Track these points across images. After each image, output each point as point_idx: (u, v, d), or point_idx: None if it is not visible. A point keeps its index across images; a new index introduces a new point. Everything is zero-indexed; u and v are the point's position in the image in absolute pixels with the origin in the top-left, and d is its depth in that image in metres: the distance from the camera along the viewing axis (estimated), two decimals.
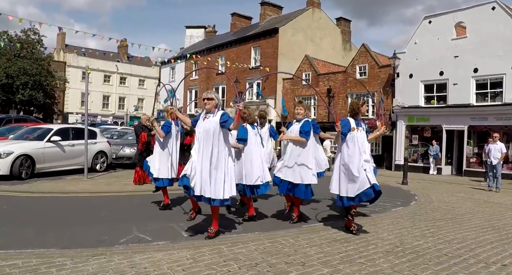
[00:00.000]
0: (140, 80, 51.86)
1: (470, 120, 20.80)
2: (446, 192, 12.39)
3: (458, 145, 21.78)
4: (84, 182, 10.68)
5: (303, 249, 4.96)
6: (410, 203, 9.32)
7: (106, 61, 47.61)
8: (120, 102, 50.27)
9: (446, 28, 21.83)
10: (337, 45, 35.72)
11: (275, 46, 31.67)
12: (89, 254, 4.46)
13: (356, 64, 26.74)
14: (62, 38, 48.15)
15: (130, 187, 10.05)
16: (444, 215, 7.95)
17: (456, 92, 21.28)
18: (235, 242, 5.17)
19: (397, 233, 6.06)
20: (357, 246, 5.22)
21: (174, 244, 5.00)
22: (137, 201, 8.45)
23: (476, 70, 20.51)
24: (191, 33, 45.11)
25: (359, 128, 5.90)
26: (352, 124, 5.86)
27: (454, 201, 10.24)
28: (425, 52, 22.33)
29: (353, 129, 5.80)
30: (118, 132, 18.41)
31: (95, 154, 12.93)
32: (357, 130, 5.85)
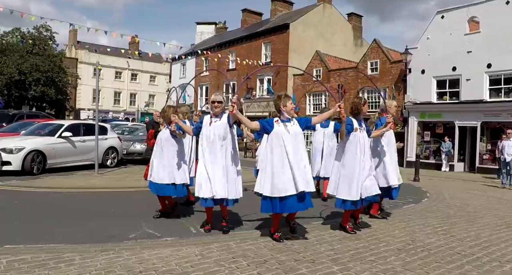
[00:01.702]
0: (151, 76, 52.09)
1: (484, 116, 20.52)
2: (458, 189, 12.23)
3: (471, 141, 21.50)
4: (95, 178, 10.73)
5: (312, 246, 4.91)
6: (422, 200, 9.20)
7: (118, 58, 47.83)
8: (131, 98, 50.57)
9: (459, 23, 21.51)
10: (348, 41, 35.44)
11: (286, 42, 31.53)
12: (97, 249, 4.45)
13: (367, 60, 26.52)
14: (74, 35, 48.50)
15: (141, 183, 10.01)
16: (457, 212, 7.83)
17: (469, 88, 21.00)
18: (244, 238, 5.14)
19: (409, 230, 5.97)
20: (367, 243, 5.15)
21: (183, 240, 4.99)
22: (147, 197, 8.41)
23: (489, 65, 20.21)
24: (202, 30, 45.15)
25: (361, 129, 5.80)
26: (355, 124, 5.76)
27: (467, 198, 10.10)
28: (438, 48, 22.04)
29: (355, 129, 5.70)
30: (129, 128, 18.47)
31: (106, 150, 12.99)
32: (359, 130, 5.75)
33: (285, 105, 5.14)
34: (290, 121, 5.17)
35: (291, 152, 4.99)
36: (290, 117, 5.20)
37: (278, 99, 5.22)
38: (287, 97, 5.23)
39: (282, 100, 5.16)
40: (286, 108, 5.15)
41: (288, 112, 5.17)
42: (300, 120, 5.23)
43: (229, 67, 36.51)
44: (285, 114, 5.15)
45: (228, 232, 5.42)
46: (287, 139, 5.02)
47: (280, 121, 5.14)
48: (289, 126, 5.11)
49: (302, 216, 6.29)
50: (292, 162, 4.97)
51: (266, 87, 32.02)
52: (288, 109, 5.16)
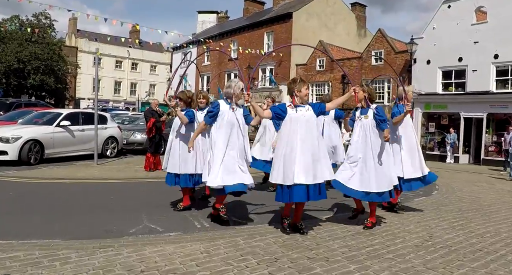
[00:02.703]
0: (151, 66, 51.56)
1: (490, 107, 20.15)
2: (466, 182, 11.93)
3: (476, 133, 21.17)
4: (94, 168, 10.41)
5: (325, 243, 4.61)
6: (432, 193, 8.89)
7: (118, 47, 47.29)
8: (132, 88, 50.10)
9: (466, 12, 21.05)
10: (352, 31, 34.93)
11: (288, 32, 31.05)
12: (96, 246, 4.15)
13: (371, 50, 26.09)
14: (74, 23, 47.91)
15: (141, 174, 9.76)
16: (470, 206, 7.53)
17: (475, 78, 20.61)
18: (251, 234, 4.83)
19: (425, 225, 5.67)
20: (383, 239, 4.85)
21: (187, 235, 4.68)
22: (148, 188, 8.16)
23: (496, 56, 19.80)
24: (203, 19, 44.57)
25: (362, 117, 5.47)
26: (357, 114, 5.50)
27: (476, 191, 9.80)
28: (444, 38, 21.59)
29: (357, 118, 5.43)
30: (129, 117, 18.12)
31: (105, 139, 12.64)
32: (363, 118, 5.43)
33: (299, 90, 4.82)
34: (305, 107, 4.85)
35: (304, 140, 4.68)
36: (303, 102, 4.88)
37: (293, 82, 4.90)
38: (302, 81, 4.90)
39: (298, 85, 4.84)
40: (301, 94, 4.83)
41: (302, 98, 4.84)
42: (314, 106, 4.91)
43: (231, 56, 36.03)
44: (299, 100, 4.84)
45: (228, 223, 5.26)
46: (301, 125, 4.71)
47: (293, 106, 4.82)
48: (303, 111, 4.79)
49: (311, 209, 6.02)
50: (304, 150, 4.66)
51: (268, 77, 31.61)
52: (302, 95, 4.83)
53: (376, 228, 5.40)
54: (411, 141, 6.30)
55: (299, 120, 4.74)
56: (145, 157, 10.31)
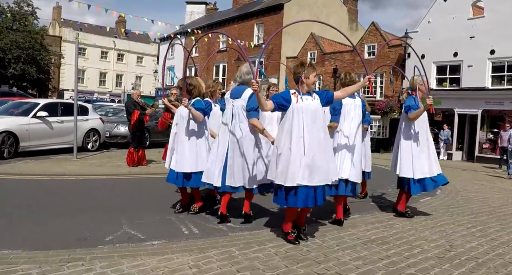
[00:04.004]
0: (138, 57, 50.35)
1: (485, 104, 19.78)
2: (466, 180, 11.44)
3: (470, 130, 20.80)
4: (73, 163, 9.63)
5: (334, 253, 3.97)
6: (436, 193, 8.30)
7: (103, 37, 46.07)
8: (117, 79, 48.87)
9: (462, 7, 20.62)
10: (344, 24, 34.28)
11: (279, 23, 30.31)
12: (63, 258, 3.45)
13: (364, 43, 25.56)
14: (58, 12, 46.50)
15: (123, 170, 9.01)
16: (481, 207, 6.97)
17: (470, 74, 20.21)
18: (248, 242, 4.16)
19: (441, 231, 5.07)
20: (399, 249, 4.23)
21: (173, 244, 3.99)
22: (130, 186, 7.45)
23: (492, 51, 19.40)
24: (192, 9, 43.57)
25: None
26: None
27: (481, 191, 9.30)
28: (439, 32, 21.11)
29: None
30: (114, 109, 17.26)
31: (87, 132, 11.84)
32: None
33: (307, 76, 4.15)
34: (311, 95, 4.19)
35: (310, 133, 4.03)
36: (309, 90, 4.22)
37: (300, 66, 4.20)
38: (311, 67, 4.22)
39: (306, 70, 4.16)
40: (308, 81, 4.16)
41: (309, 86, 4.18)
42: (321, 94, 4.25)
43: (220, 48, 35.25)
44: (305, 87, 4.18)
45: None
46: (306, 117, 4.05)
47: (299, 94, 4.15)
48: (309, 101, 4.12)
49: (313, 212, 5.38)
50: (310, 145, 4.01)
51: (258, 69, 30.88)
52: (310, 82, 4.17)
53: (389, 234, 4.78)
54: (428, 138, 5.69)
55: (304, 111, 4.07)
56: (127, 152, 9.54)
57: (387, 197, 7.51)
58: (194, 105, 5.07)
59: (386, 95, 23.99)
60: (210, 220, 5.05)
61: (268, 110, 4.21)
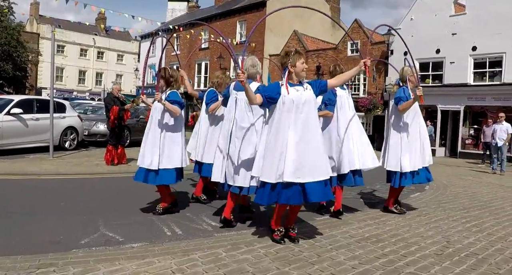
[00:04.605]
0: (118, 55, 49.41)
1: (467, 100, 19.86)
2: (451, 175, 11.37)
3: (452, 126, 20.90)
4: (49, 162, 9.19)
5: (327, 253, 3.72)
6: (425, 188, 8.17)
7: (83, 34, 45.11)
8: (97, 77, 47.87)
9: (444, 4, 20.70)
10: (326, 22, 34.14)
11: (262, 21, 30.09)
12: (33, 264, 3.12)
13: (347, 41, 25.45)
14: (36, 8, 45.27)
15: (102, 168, 8.63)
16: (472, 202, 6.83)
17: (452, 71, 20.29)
18: (235, 243, 3.89)
19: (436, 227, 4.87)
20: (395, 247, 4.00)
21: (154, 246, 3.69)
22: (109, 186, 7.10)
23: (474, 48, 19.49)
24: (173, 6, 42.97)
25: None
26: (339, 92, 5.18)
27: (468, 186, 9.20)
28: (421, 29, 21.12)
29: None
30: (93, 107, 16.76)
31: (64, 130, 11.37)
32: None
33: (294, 64, 3.87)
34: (302, 86, 3.91)
35: (301, 126, 3.77)
36: (301, 80, 3.95)
37: (285, 55, 3.93)
38: (298, 53, 3.94)
39: (292, 57, 3.89)
40: (296, 69, 3.88)
41: (298, 75, 3.91)
42: (313, 84, 3.97)
43: (202, 46, 34.81)
44: (294, 76, 3.90)
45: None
46: (297, 109, 3.78)
47: (288, 85, 3.87)
48: (301, 91, 3.85)
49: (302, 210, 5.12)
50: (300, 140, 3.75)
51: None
52: (298, 70, 3.89)
53: (383, 231, 4.56)
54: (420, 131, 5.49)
55: (295, 103, 3.80)
56: (106, 149, 9.15)
57: (376, 194, 7.33)
58: (169, 97, 4.76)
59: (369, 92, 23.95)
60: (194, 220, 4.76)
61: (257, 103, 3.92)
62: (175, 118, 4.78)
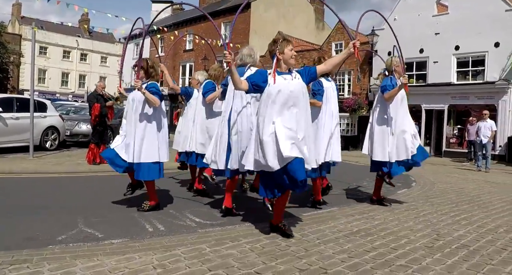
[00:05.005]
0: (102, 57, 48.74)
1: (451, 99, 20.02)
2: (438, 173, 11.36)
3: (437, 125, 21.04)
4: (29, 162, 8.92)
5: (315, 247, 3.60)
6: (412, 184, 8.15)
7: (66, 36, 44.37)
8: (80, 80, 47.12)
9: (427, 4, 20.89)
10: (310, 23, 34.32)
11: (246, 22, 30.01)
12: (6, 260, 2.94)
13: (332, 41, 25.60)
14: (18, 9, 44.42)
15: (83, 168, 8.40)
16: (459, 197, 6.79)
17: (436, 70, 20.45)
18: (220, 238, 3.74)
19: (425, 221, 4.79)
20: (384, 240, 3.90)
21: (135, 242, 3.52)
22: (90, 185, 6.88)
23: (457, 47, 19.67)
24: (158, 8, 42.54)
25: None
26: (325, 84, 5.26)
27: (455, 182, 9.19)
28: (405, 29, 21.16)
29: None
30: (75, 108, 16.44)
31: (45, 129, 11.09)
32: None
33: (282, 51, 3.76)
34: (291, 74, 3.80)
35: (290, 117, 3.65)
36: (290, 68, 3.84)
37: (273, 43, 3.83)
38: (286, 40, 3.84)
39: (280, 45, 3.78)
40: (285, 56, 3.77)
41: (287, 62, 3.79)
42: (302, 72, 3.87)
43: (186, 48, 34.65)
44: (283, 64, 3.79)
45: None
46: (286, 98, 3.66)
47: (277, 73, 3.75)
48: (289, 80, 3.73)
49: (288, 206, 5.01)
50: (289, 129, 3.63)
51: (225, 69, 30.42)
52: (287, 57, 3.78)
53: (371, 225, 4.47)
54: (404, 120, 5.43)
55: (283, 92, 3.67)
56: (88, 148, 8.91)
57: (363, 190, 7.25)
58: (148, 87, 4.62)
59: (354, 93, 24.02)
60: (177, 216, 4.60)
61: (241, 89, 3.80)
62: (155, 109, 4.64)
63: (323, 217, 4.84)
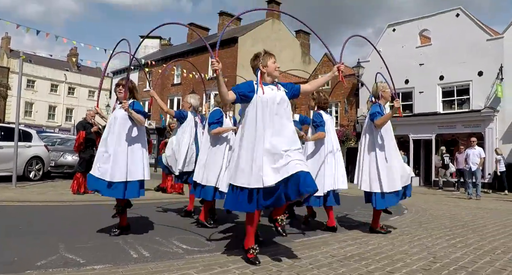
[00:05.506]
0: (90, 91, 48.84)
1: (438, 128, 20.24)
2: (429, 202, 11.27)
3: (425, 154, 21.14)
4: (11, 191, 8.64)
5: (308, 272, 3.43)
6: (404, 212, 8.04)
7: (54, 70, 44.53)
8: (67, 113, 46.94)
9: (411, 36, 21.43)
10: (296, 57, 34.93)
11: (234, 56, 30.47)
12: None
13: (318, 74, 25.93)
14: (7, 42, 44.64)
15: (67, 197, 8.14)
16: (453, 222, 6.69)
17: (422, 100, 20.77)
18: (208, 264, 3.55)
19: (420, 244, 4.65)
20: (379, 264, 3.75)
21: (118, 268, 3.31)
22: (74, 213, 6.64)
23: (442, 77, 20.07)
24: (146, 43, 43.13)
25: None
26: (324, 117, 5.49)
27: (447, 209, 9.09)
28: (390, 61, 21.23)
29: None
30: (61, 139, 16.21)
31: (29, 159, 10.86)
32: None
33: (265, 64, 3.75)
34: (276, 85, 3.77)
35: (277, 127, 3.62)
36: (274, 80, 3.81)
37: (255, 58, 3.84)
38: (267, 54, 3.84)
39: (262, 59, 3.78)
40: (268, 69, 3.76)
41: (271, 74, 3.77)
42: (286, 86, 3.84)
43: (174, 82, 34.91)
44: (267, 77, 3.77)
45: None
46: (271, 109, 3.62)
47: (263, 85, 3.72)
48: (275, 91, 3.71)
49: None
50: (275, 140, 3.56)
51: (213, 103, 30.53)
52: (271, 69, 3.76)
53: (365, 250, 4.31)
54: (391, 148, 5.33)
55: (269, 102, 3.63)
56: (74, 177, 8.68)
57: (354, 218, 7.10)
58: (133, 106, 4.56)
59: (341, 124, 24.15)
60: (163, 243, 4.40)
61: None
62: (138, 128, 4.58)
63: (315, 243, 4.68)
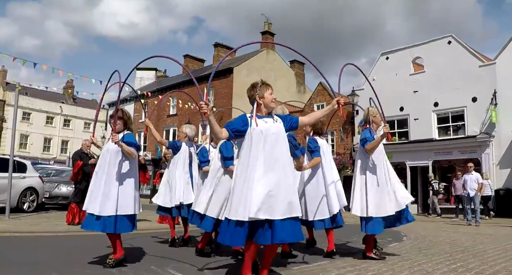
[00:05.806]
0: (85, 123, 48.96)
1: (434, 155, 20.25)
2: (428, 229, 11.16)
3: (422, 181, 21.06)
4: (4, 222, 8.49)
5: None
6: (403, 238, 7.93)
7: (50, 102, 44.75)
8: (63, 145, 46.87)
9: (404, 63, 21.75)
10: (291, 87, 35.31)
11: (229, 87, 30.77)
12: None
13: (314, 103, 26.20)
14: (3, 76, 44.99)
15: (61, 228, 8.01)
16: (453, 248, 6.59)
17: (417, 127, 20.87)
18: None
19: (420, 270, 4.56)
20: None
21: None
22: (68, 244, 6.51)
23: (436, 104, 20.23)
24: (142, 75, 43.58)
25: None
26: (319, 141, 5.60)
27: (446, 236, 8.99)
28: (384, 88, 21.76)
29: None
30: (56, 170, 16.10)
31: (23, 190, 10.73)
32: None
33: (262, 95, 3.73)
34: (272, 118, 3.74)
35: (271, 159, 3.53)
36: (271, 112, 3.79)
37: (252, 88, 3.80)
38: (265, 84, 3.80)
39: (259, 90, 3.75)
40: (265, 100, 3.73)
41: (267, 106, 3.74)
42: (284, 118, 3.81)
43: (170, 112, 35.06)
44: (263, 108, 3.74)
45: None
46: (267, 141, 3.57)
47: (257, 117, 3.68)
48: (270, 123, 3.66)
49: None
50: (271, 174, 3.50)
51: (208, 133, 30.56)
52: (267, 101, 3.73)
53: None
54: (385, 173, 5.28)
55: (264, 135, 3.59)
56: (69, 208, 8.56)
57: (353, 245, 6.98)
58: (124, 139, 4.52)
59: (338, 153, 24.15)
60: (159, 273, 4.30)
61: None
62: (130, 161, 4.54)
63: (314, 270, 4.57)
